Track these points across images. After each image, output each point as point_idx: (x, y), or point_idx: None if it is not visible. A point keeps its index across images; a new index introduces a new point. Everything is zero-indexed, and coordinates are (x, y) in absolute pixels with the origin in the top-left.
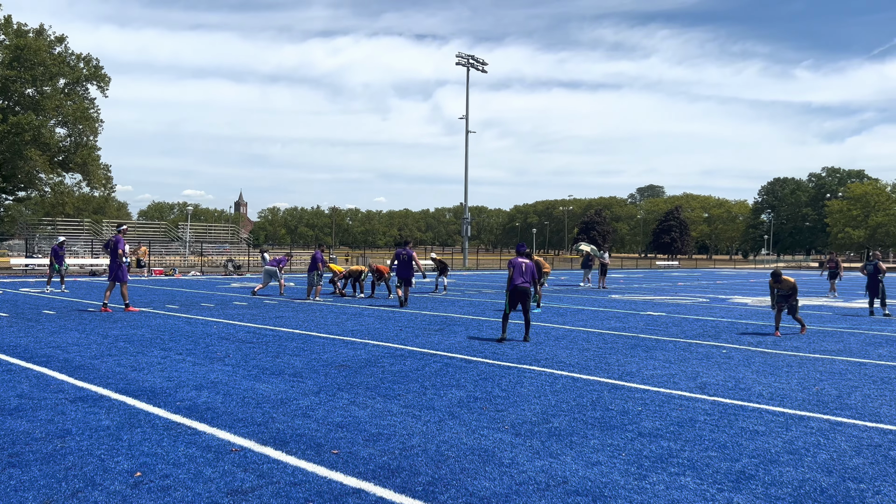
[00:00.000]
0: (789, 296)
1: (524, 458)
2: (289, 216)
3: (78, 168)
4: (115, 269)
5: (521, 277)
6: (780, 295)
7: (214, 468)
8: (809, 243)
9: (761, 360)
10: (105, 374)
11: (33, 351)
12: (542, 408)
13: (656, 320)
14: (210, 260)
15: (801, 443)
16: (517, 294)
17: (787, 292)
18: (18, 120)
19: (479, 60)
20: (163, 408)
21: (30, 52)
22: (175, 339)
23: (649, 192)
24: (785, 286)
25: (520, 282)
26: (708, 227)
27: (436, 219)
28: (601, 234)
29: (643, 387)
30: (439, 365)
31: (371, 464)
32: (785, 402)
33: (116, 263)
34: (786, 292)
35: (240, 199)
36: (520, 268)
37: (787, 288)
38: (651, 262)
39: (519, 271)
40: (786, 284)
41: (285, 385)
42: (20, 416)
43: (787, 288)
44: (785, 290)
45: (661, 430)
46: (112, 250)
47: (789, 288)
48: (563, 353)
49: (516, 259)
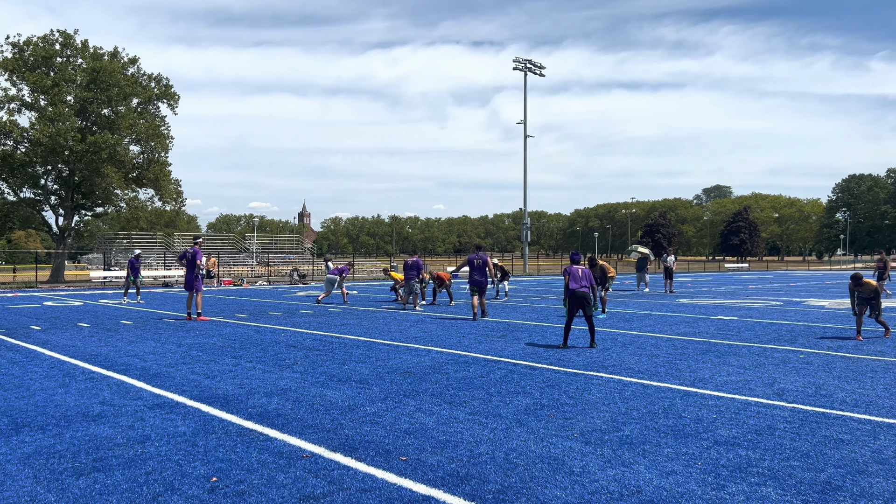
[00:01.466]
0: (871, 299)
1: (595, 467)
2: (350, 225)
3: (150, 183)
4: (193, 279)
5: (577, 283)
6: (861, 298)
7: (287, 474)
8: (890, 242)
9: (843, 365)
10: (180, 381)
11: (113, 360)
12: (611, 415)
13: (727, 325)
14: (276, 270)
15: (891, 452)
16: (576, 300)
17: (869, 295)
18: (96, 139)
19: (537, 64)
20: (235, 414)
21: (105, 74)
22: (245, 348)
23: (716, 192)
24: (866, 289)
25: (576, 287)
26: (779, 227)
27: (495, 225)
28: (666, 236)
29: (717, 393)
30: (504, 372)
31: (440, 471)
32: (871, 409)
33: (194, 274)
34: (867, 295)
35: (303, 210)
36: (575, 273)
37: (869, 291)
38: (719, 265)
39: (574, 277)
40: (867, 287)
41: (352, 392)
42: (103, 423)
43: (868, 291)
44: (866, 293)
45: (739, 439)
46: (189, 262)
47: (871, 291)
48: (631, 359)
49: (571, 266)
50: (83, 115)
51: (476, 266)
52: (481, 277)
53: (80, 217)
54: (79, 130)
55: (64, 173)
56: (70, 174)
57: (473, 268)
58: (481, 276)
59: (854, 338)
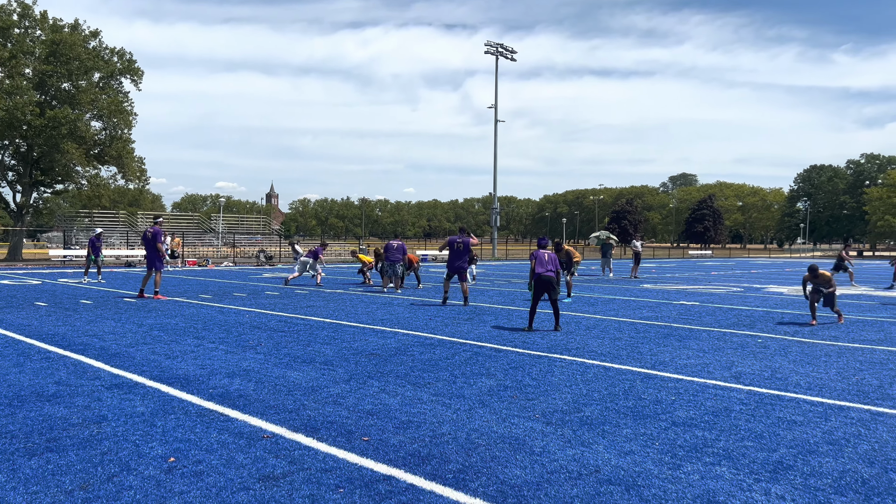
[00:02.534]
0: (826, 289)
1: (555, 447)
2: (319, 207)
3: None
4: (154, 258)
5: (543, 267)
6: (816, 288)
7: (246, 454)
8: (847, 232)
9: (798, 349)
10: (140, 361)
11: (71, 339)
12: (573, 397)
13: (689, 310)
14: (242, 251)
15: (841, 433)
16: (541, 283)
17: (824, 286)
18: (55, 114)
19: (508, 49)
20: (196, 395)
21: (65, 46)
22: (208, 328)
23: (682, 180)
24: (822, 280)
25: (542, 271)
26: (742, 215)
27: (465, 209)
28: (632, 223)
29: (676, 376)
30: (469, 354)
31: (401, 451)
32: (824, 392)
33: (154, 252)
34: (822, 286)
35: (271, 191)
36: (541, 258)
37: (824, 282)
38: (684, 252)
39: (541, 261)
40: (822, 279)
41: (316, 373)
42: (58, 403)
43: (823, 282)
44: (822, 284)
45: (696, 420)
46: (149, 241)
47: (826, 282)
48: (594, 342)
49: (538, 251)
50: (42, 88)
51: (456, 249)
52: (460, 262)
53: (38, 194)
54: (37, 104)
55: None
56: (28, 149)
57: (453, 251)
58: (460, 260)
59: (810, 323)
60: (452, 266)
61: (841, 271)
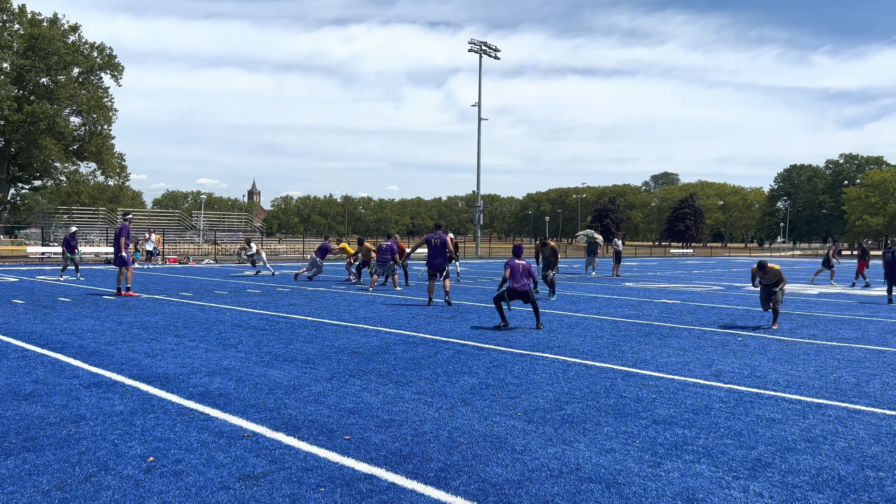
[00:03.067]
0: (773, 284)
1: (537, 445)
2: (301, 205)
3: (92, 157)
4: (117, 253)
5: (518, 282)
6: (764, 284)
7: (226, 453)
8: (826, 231)
9: (777, 347)
10: (119, 360)
11: (48, 337)
12: (554, 395)
13: (671, 308)
14: (223, 248)
15: (819, 431)
16: (516, 295)
17: (771, 281)
18: (33, 109)
19: (492, 47)
20: (176, 393)
21: (44, 41)
22: (188, 326)
23: (664, 179)
24: (770, 275)
25: (517, 286)
26: (723, 214)
27: (448, 207)
28: (615, 221)
29: (657, 374)
30: (451, 352)
31: (383, 450)
32: (802, 389)
33: (118, 249)
34: (769, 281)
35: (253, 188)
36: (516, 271)
37: (773, 276)
38: (665, 251)
39: (515, 275)
40: (771, 273)
41: (297, 371)
42: (35, 402)
43: (772, 277)
44: (770, 279)
45: (676, 418)
46: (115, 236)
47: (774, 276)
48: (576, 340)
49: (513, 261)
50: (20, 83)
51: (434, 246)
52: (440, 259)
53: (16, 190)
54: (15, 100)
55: None
56: (6, 145)
57: (431, 248)
58: (440, 257)
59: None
60: (433, 264)
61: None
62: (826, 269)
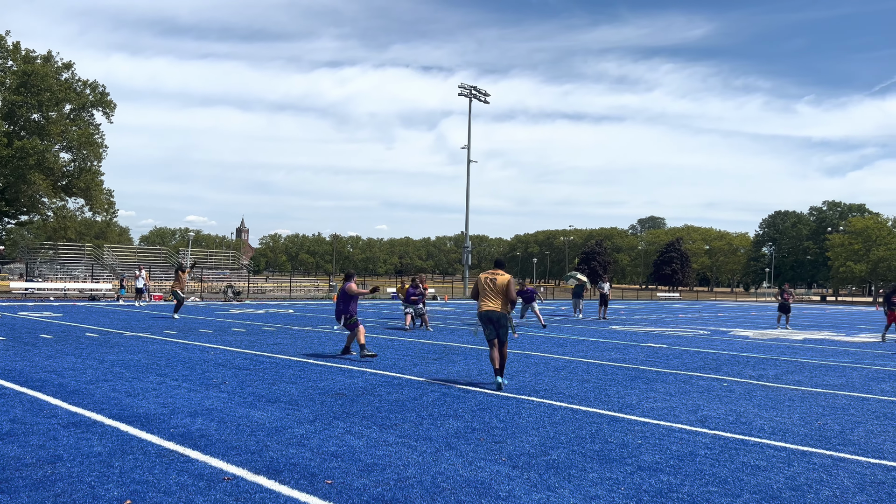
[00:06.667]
0: None
1: (521, 492)
2: (290, 243)
3: (81, 193)
4: None
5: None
6: None
7: (206, 497)
8: (811, 276)
9: (763, 393)
10: (99, 399)
11: (28, 375)
12: (540, 440)
13: (657, 352)
14: (210, 286)
15: (804, 479)
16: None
17: None
18: (23, 144)
19: (482, 91)
20: (156, 434)
21: (37, 77)
22: (171, 365)
23: (650, 223)
24: None
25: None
26: (709, 259)
27: (437, 247)
28: (602, 264)
29: (643, 419)
30: (437, 394)
31: (365, 494)
32: (787, 436)
33: None
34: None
35: (241, 226)
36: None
37: None
38: (652, 294)
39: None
40: None
41: (281, 413)
42: (11, 441)
43: None
44: None
45: (661, 464)
46: None
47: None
48: (562, 384)
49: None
50: (11, 119)
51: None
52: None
53: (2, 225)
54: (5, 134)
55: None
56: None
57: None
58: (342, 303)
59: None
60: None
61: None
62: (784, 314)
